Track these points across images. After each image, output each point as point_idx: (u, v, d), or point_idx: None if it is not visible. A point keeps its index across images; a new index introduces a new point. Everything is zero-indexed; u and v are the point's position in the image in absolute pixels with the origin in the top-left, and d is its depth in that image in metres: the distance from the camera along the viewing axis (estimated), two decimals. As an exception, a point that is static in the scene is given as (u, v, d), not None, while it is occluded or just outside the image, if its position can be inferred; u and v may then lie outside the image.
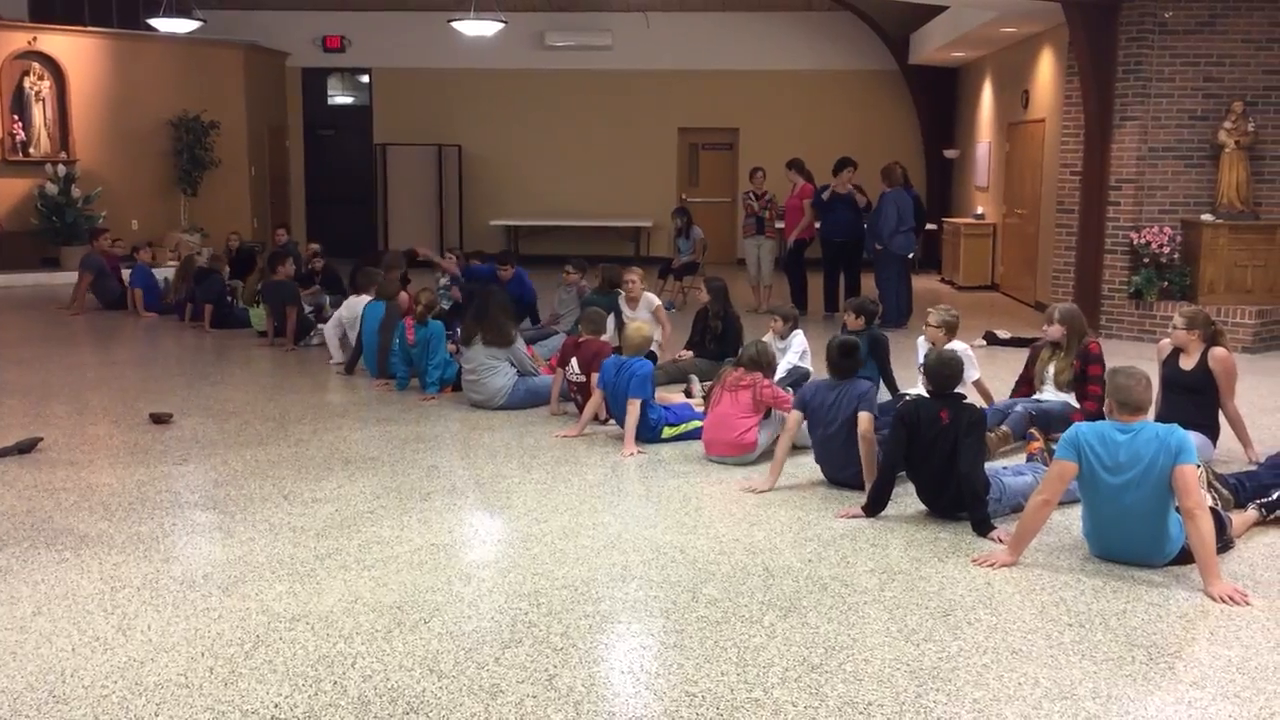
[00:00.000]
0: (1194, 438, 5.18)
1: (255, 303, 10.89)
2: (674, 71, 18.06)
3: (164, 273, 13.19)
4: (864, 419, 5.64)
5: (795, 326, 7.99)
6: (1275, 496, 5.27)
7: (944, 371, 5.36)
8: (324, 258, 12.31)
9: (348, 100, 18.99)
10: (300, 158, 18.79)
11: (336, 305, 10.18)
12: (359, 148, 18.59)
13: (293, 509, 5.52)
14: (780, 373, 7.43)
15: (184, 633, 4.03)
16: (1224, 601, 4.32)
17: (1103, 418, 4.93)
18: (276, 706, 3.48)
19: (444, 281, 11.20)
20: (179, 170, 16.12)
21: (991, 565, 4.72)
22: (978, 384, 7.16)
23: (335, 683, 3.64)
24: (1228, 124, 10.51)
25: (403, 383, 8.42)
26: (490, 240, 17.57)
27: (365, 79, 18.68)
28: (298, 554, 4.86)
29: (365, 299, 9.13)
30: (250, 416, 7.55)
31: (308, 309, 10.85)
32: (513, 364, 7.77)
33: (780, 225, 13.17)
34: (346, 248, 17.19)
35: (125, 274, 12.74)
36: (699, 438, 6.65)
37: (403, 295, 8.89)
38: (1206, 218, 10.56)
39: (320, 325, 10.19)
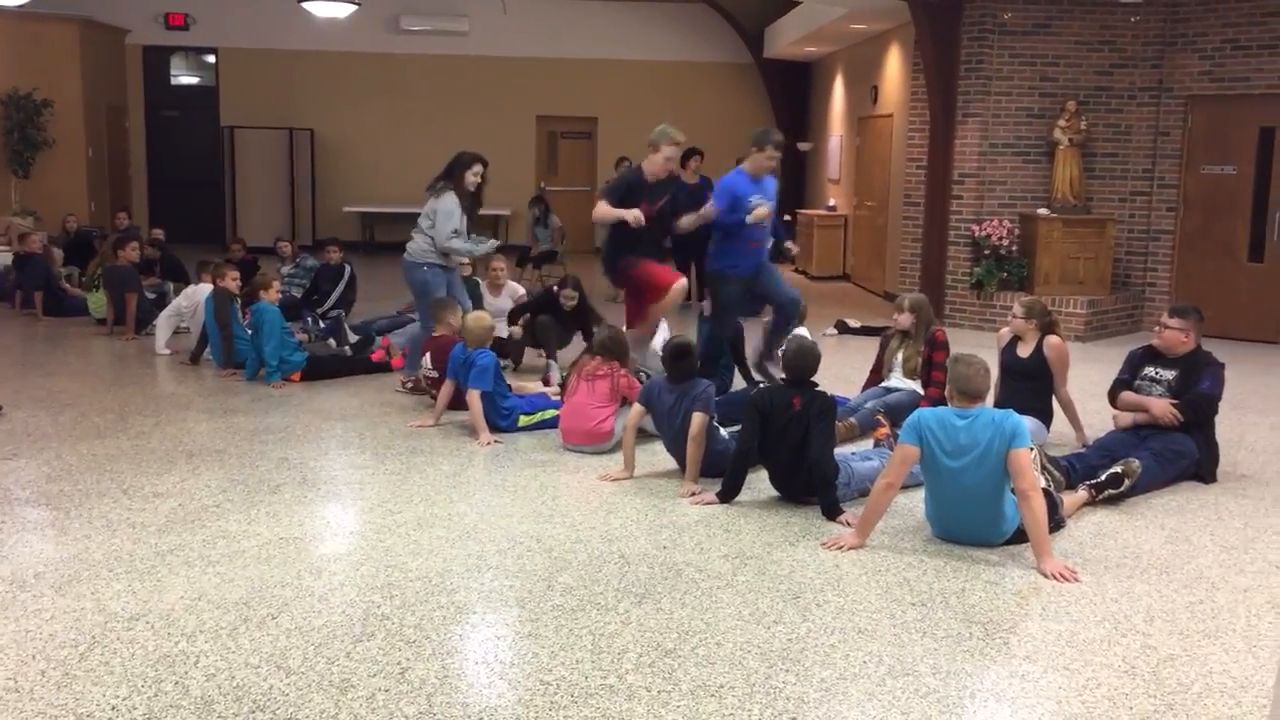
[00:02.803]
0: (1028, 422, 5.43)
1: (94, 288, 10.43)
2: (532, 59, 17.97)
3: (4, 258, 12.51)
4: (696, 420, 5.65)
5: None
6: (1104, 478, 5.55)
7: (802, 361, 5.46)
8: (166, 243, 11.87)
9: (192, 80, 18.30)
10: (142, 139, 18.04)
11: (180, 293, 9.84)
12: (205, 130, 17.93)
13: (132, 504, 5.31)
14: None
15: (14, 635, 3.84)
16: (1055, 579, 4.53)
17: (946, 403, 5.12)
18: (114, 709, 3.35)
19: (287, 269, 10.94)
20: (9, 150, 15.29)
21: (839, 548, 4.85)
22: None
23: (177, 683, 3.52)
24: (1062, 122, 11.01)
25: (251, 372, 8.18)
26: (345, 227, 17.21)
27: (211, 59, 18.03)
28: (137, 551, 4.68)
29: (206, 287, 8.85)
30: (87, 408, 7.24)
31: (150, 296, 10.45)
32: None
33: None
34: (193, 233, 16.64)
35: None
36: (556, 426, 6.64)
37: (230, 279, 8.57)
38: (1042, 211, 11.04)
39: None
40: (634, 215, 6.97)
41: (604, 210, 7.18)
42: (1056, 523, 5.10)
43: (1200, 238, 11.15)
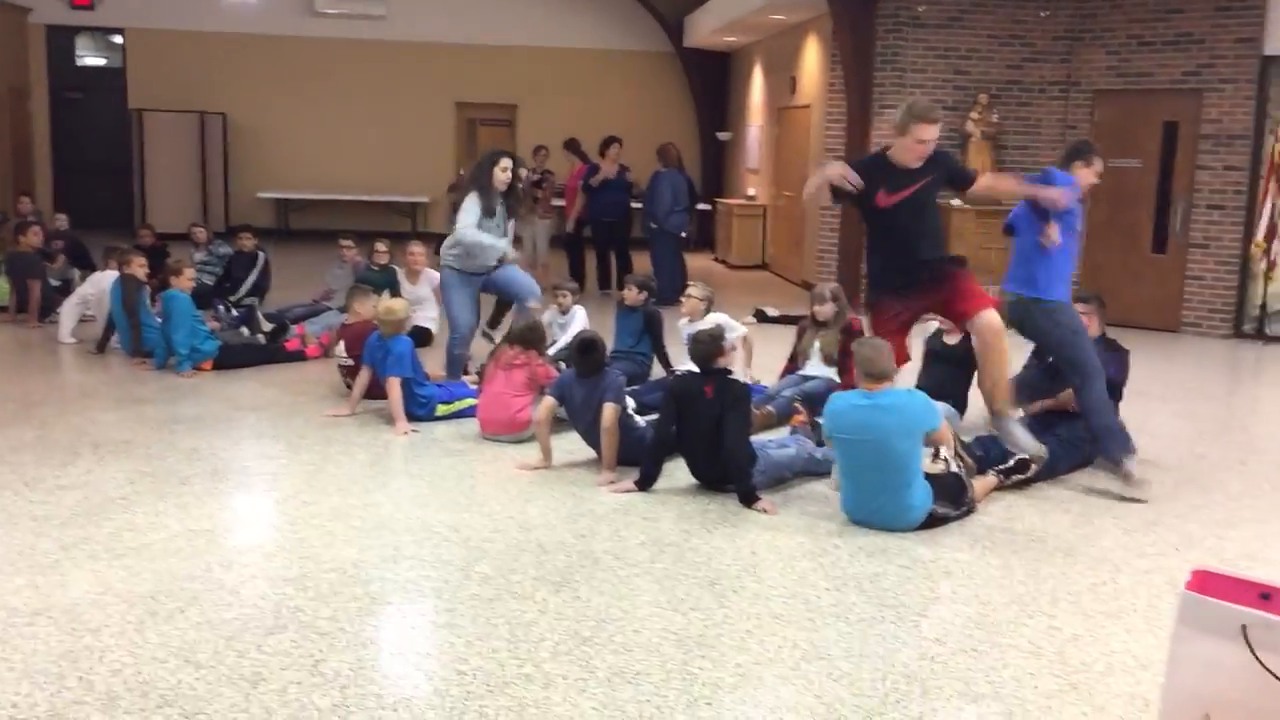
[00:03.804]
0: (943, 408, 5.54)
1: (-5, 274, 10.11)
2: (451, 45, 17.79)
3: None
4: (608, 411, 5.63)
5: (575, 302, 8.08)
6: (1011, 463, 5.68)
7: (703, 348, 5.49)
8: (71, 229, 11.54)
9: (99, 62, 17.79)
10: (46, 122, 17.48)
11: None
12: (112, 113, 17.44)
13: (34, 497, 5.16)
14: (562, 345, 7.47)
15: (-93, 634, 3.72)
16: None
17: (858, 389, 5.20)
18: (14, 706, 3.25)
19: (200, 256, 10.72)
20: (-97, 131, 14.74)
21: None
22: (745, 341, 7.41)
23: (81, 678, 3.44)
24: (974, 114, 11.22)
25: (160, 360, 8.00)
26: (259, 213, 16.89)
27: (118, 39, 17.54)
28: (40, 544, 4.55)
29: (112, 274, 8.63)
30: (-13, 399, 7.02)
31: (54, 284, 10.15)
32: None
33: (559, 204, 13.20)
34: (100, 219, 16.18)
35: None
36: (474, 415, 6.60)
37: (137, 266, 8.38)
38: (955, 203, 11.23)
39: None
40: (838, 171, 5.39)
41: (812, 181, 5.58)
42: (967, 508, 5.21)
43: (1107, 229, 11.44)
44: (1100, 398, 5.71)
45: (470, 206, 7.25)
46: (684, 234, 12.19)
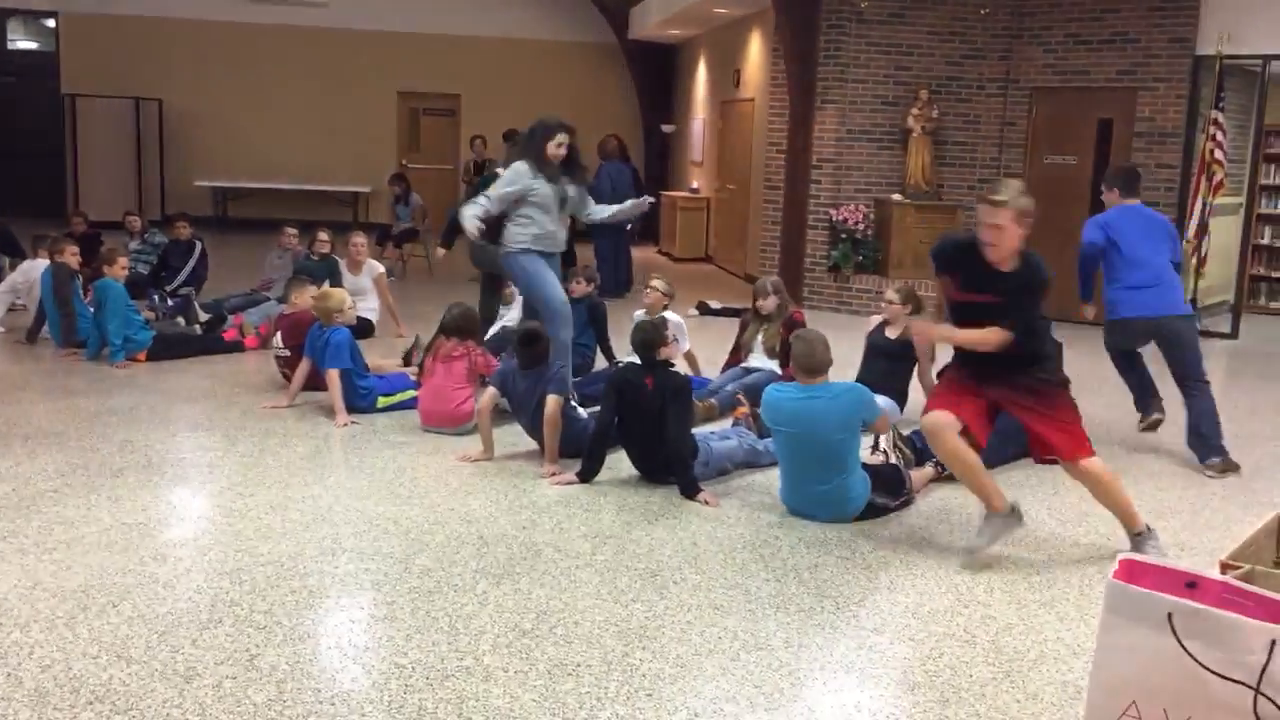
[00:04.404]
0: (882, 400, 5.60)
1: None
2: (393, 33, 17.61)
3: None
4: (551, 402, 5.62)
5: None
6: (949, 455, 5.74)
7: (644, 339, 5.49)
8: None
9: (30, 45, 17.39)
10: (-28, 106, 17.06)
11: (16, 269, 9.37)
12: (44, 98, 17.04)
13: (-38, 490, 5.04)
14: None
15: None
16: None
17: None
18: (-62, 705, 3.18)
19: (135, 245, 10.53)
20: None
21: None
22: (688, 355, 7.42)
23: (9, 675, 3.36)
24: (915, 110, 11.33)
25: (93, 350, 7.84)
26: (196, 202, 16.62)
27: (51, 23, 17.14)
28: (-33, 539, 4.45)
29: (43, 263, 8.45)
30: (-88, 390, 6.84)
31: (-19, 272, 9.92)
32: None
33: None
34: (30, 206, 15.83)
35: None
36: (415, 407, 6.55)
37: (69, 254, 8.21)
38: (896, 197, 11.35)
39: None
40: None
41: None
42: (906, 499, 5.27)
43: (1042, 225, 11.45)
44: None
45: (512, 178, 6.44)
46: (628, 227, 12.18)
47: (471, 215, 6.35)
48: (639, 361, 5.57)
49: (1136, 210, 6.53)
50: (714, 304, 11.12)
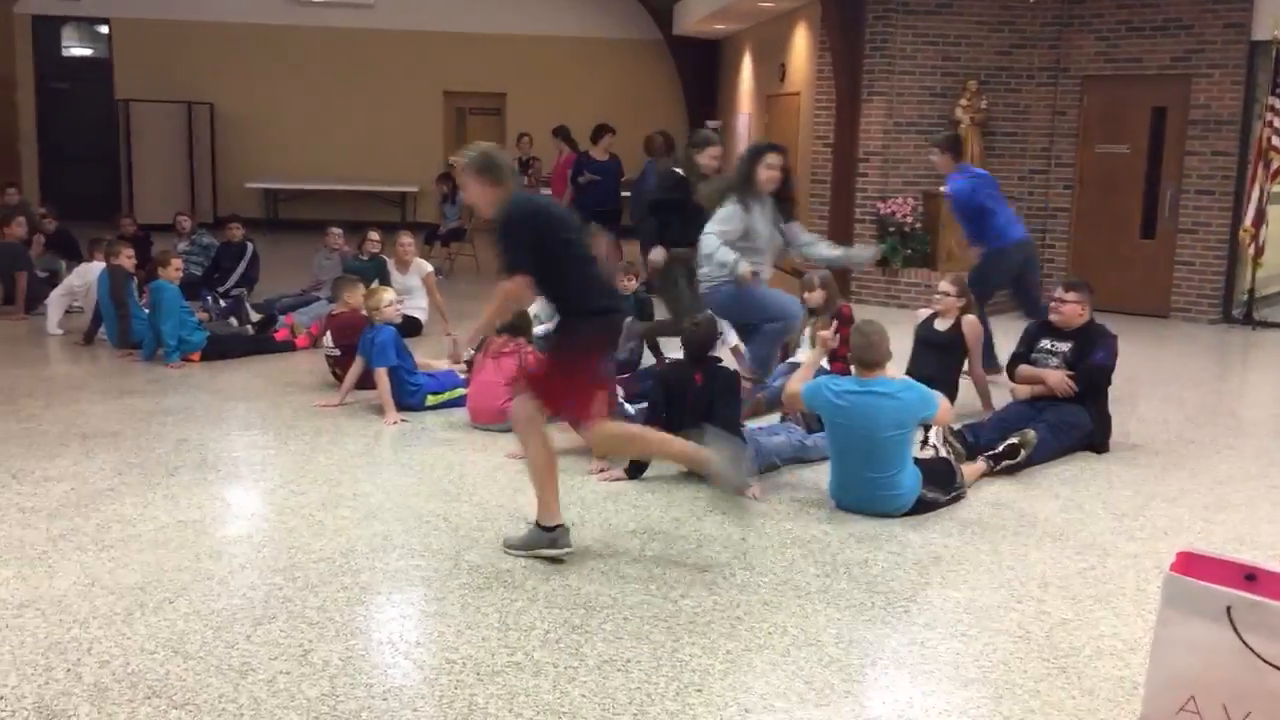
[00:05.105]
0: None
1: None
2: (439, 33, 17.71)
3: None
4: None
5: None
6: (1001, 449, 5.69)
7: (699, 338, 5.48)
8: (58, 220, 11.48)
9: (85, 52, 17.68)
10: (32, 113, 17.38)
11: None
12: (98, 104, 17.34)
13: (22, 489, 5.14)
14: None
15: (-106, 626, 3.70)
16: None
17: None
18: (1, 699, 3.24)
19: (183, 246, 10.68)
20: (-113, 123, 14.63)
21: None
22: (734, 350, 7.39)
23: (69, 670, 3.43)
24: (963, 101, 11.21)
25: (148, 351, 7.97)
26: (247, 203, 16.83)
27: (104, 29, 17.44)
28: (27, 536, 4.54)
29: (99, 265, 8.60)
30: (-26, 391, 6.99)
31: (41, 275, 10.11)
32: None
33: (546, 191, 13.16)
34: (86, 210, 16.08)
35: None
36: (464, 405, 6.59)
37: (125, 256, 8.34)
38: (944, 189, 11.22)
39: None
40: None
41: None
42: (957, 493, 5.22)
43: (1095, 215, 11.44)
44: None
45: (723, 215, 6.31)
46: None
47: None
48: (687, 357, 5.56)
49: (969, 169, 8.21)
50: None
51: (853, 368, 5.07)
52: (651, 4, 17.33)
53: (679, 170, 7.59)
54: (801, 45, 13.31)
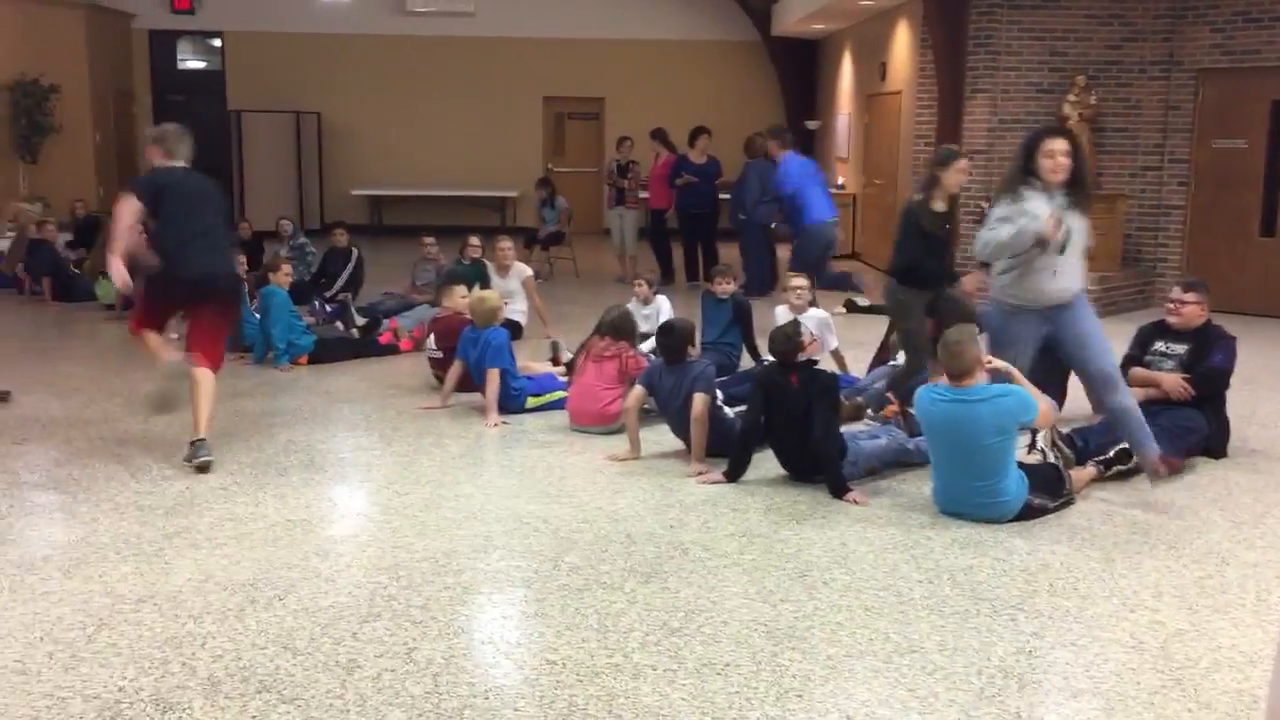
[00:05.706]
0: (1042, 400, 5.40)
1: (102, 274, 10.43)
2: (539, 40, 17.89)
3: (3, 244, 12.54)
4: (698, 401, 5.62)
5: (658, 290, 8.10)
6: (1112, 454, 5.53)
7: (778, 347, 5.41)
8: (251, 228, 11.90)
9: (199, 65, 18.28)
10: (150, 124, 17.99)
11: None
12: (212, 114, 17.86)
13: (140, 487, 5.32)
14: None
15: (21, 618, 3.86)
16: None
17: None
18: (120, 690, 3.36)
19: (284, 252, 10.94)
20: (17, 137, 15.27)
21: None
22: (835, 354, 7.31)
23: (184, 664, 3.53)
24: (1071, 97, 10.93)
25: (258, 355, 8.19)
26: (353, 210, 17.21)
27: (217, 43, 18.00)
28: (144, 533, 4.69)
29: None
30: (95, 393, 7.25)
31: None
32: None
33: (645, 195, 13.20)
34: (200, 218, 16.58)
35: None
36: (563, 408, 6.63)
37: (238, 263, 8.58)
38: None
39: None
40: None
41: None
42: (1066, 499, 5.08)
43: (1211, 213, 11.06)
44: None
45: (999, 215, 5.48)
46: (774, 225, 12.10)
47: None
48: (775, 362, 5.52)
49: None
50: (861, 301, 10.93)
51: (944, 378, 4.97)
52: (750, 5, 17.26)
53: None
54: (902, 43, 13.13)
